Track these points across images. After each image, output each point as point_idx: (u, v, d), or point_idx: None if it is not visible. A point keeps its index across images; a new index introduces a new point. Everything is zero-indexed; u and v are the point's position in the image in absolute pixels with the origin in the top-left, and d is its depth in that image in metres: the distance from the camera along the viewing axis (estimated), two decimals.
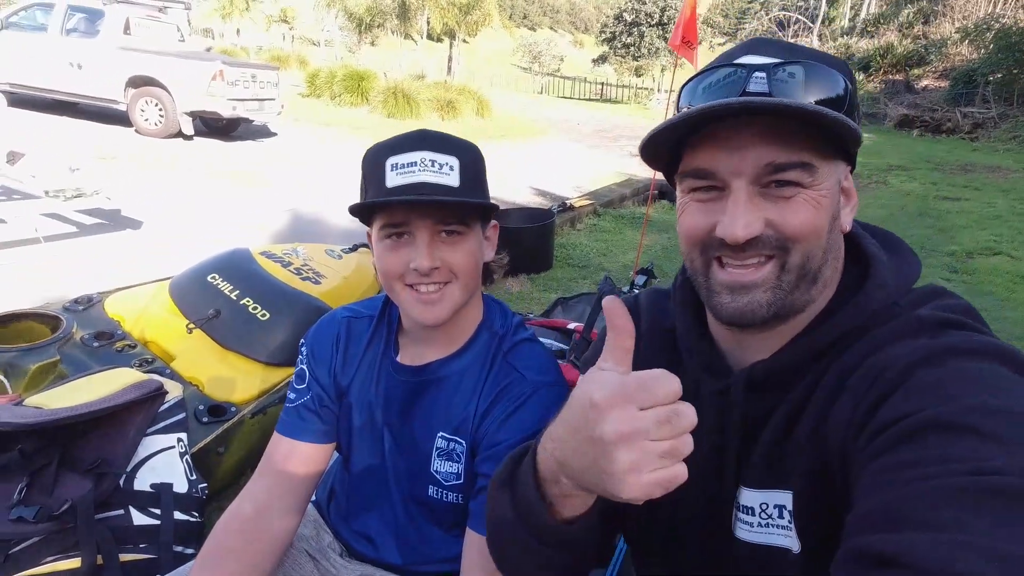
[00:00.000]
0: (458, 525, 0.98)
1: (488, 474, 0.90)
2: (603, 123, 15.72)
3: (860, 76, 21.83)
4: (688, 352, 0.76)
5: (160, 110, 8.22)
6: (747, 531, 0.67)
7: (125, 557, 1.40)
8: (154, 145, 7.85)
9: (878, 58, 22.36)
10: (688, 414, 0.49)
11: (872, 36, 24.87)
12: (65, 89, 8.56)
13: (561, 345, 2.09)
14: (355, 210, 0.90)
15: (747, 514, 0.67)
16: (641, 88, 25.68)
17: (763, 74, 0.60)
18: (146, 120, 8.28)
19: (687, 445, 0.49)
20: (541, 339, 1.88)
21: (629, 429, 0.48)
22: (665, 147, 0.67)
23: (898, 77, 21.80)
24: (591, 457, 0.50)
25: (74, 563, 1.35)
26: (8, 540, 1.34)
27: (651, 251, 4.82)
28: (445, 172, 0.88)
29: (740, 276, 0.63)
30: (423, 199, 0.86)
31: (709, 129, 0.62)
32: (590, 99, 25.32)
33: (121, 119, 8.54)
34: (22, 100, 8.65)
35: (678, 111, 0.66)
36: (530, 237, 4.41)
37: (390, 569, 1.10)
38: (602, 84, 26.48)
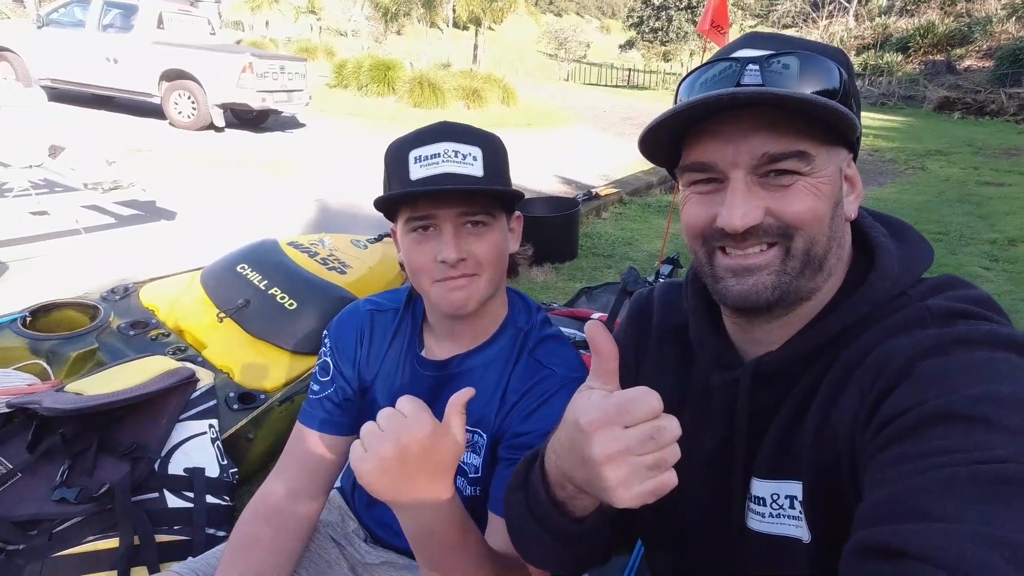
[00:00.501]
0: (478, 520, 0.99)
1: (509, 459, 0.91)
2: (630, 110, 15.49)
3: (898, 57, 21.05)
4: (699, 344, 0.76)
5: (193, 103, 8.38)
6: (759, 521, 0.68)
7: (160, 538, 1.45)
8: (187, 137, 8.02)
9: (918, 38, 21.49)
10: (671, 427, 0.51)
11: (912, 15, 23.91)
12: (102, 84, 8.79)
13: (584, 336, 2.08)
14: (380, 204, 0.90)
15: (759, 504, 0.68)
16: (669, 73, 25.17)
17: (756, 66, 0.61)
18: (179, 113, 8.46)
19: (673, 455, 0.52)
20: (565, 329, 1.88)
21: (614, 450, 0.51)
22: (664, 142, 0.68)
23: (939, 57, 20.94)
24: (585, 473, 0.54)
25: (113, 543, 1.40)
26: (52, 519, 1.40)
27: (677, 240, 4.75)
28: (469, 162, 0.87)
29: (743, 260, 0.64)
30: (448, 188, 0.86)
31: (706, 123, 0.63)
32: (617, 85, 24.92)
33: (155, 112, 8.74)
34: (62, 95, 8.91)
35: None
36: (555, 226, 4.38)
37: (413, 557, 1.11)
38: (629, 70, 26.02)
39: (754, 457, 0.68)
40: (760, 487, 0.68)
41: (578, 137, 11.34)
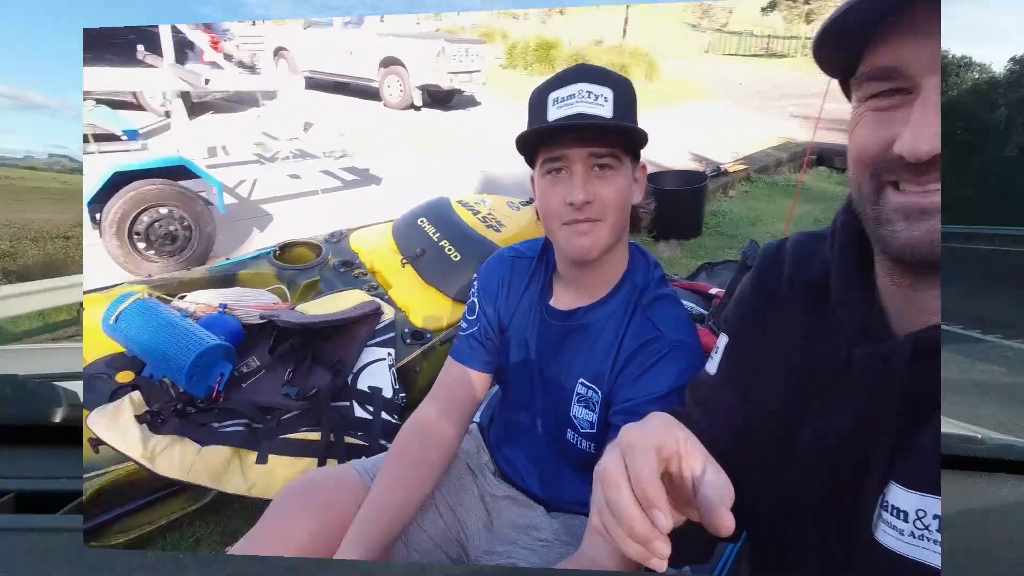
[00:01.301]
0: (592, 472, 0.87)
1: (620, 426, 0.76)
2: (765, 82, 13.25)
3: None
4: (840, 304, 0.50)
5: (400, 86, 8.66)
6: (894, 538, 0.44)
7: (348, 440, 1.53)
8: (394, 115, 8.38)
9: None
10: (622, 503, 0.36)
11: None
12: (341, 72, 9.36)
13: (700, 310, 1.79)
14: (519, 144, 0.81)
15: (897, 517, 0.44)
16: (810, 37, 20.88)
17: None
18: (390, 95, 8.81)
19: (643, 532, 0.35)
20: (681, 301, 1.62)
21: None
22: (851, 38, 0.42)
23: None
24: None
25: (316, 436, 1.50)
26: (279, 409, 1.54)
27: (801, 223, 3.97)
28: (600, 103, 0.75)
29: (920, 198, 0.40)
30: (577, 124, 0.74)
31: (903, 16, 0.38)
32: (755, 55, 21.31)
33: (374, 94, 9.21)
34: (314, 83, 9.71)
35: None
36: (682, 200, 3.90)
37: (532, 498, 1.03)
38: (768, 37, 21.93)
39: (900, 457, 0.45)
40: (901, 497, 0.44)
41: (711, 111, 10.00)
